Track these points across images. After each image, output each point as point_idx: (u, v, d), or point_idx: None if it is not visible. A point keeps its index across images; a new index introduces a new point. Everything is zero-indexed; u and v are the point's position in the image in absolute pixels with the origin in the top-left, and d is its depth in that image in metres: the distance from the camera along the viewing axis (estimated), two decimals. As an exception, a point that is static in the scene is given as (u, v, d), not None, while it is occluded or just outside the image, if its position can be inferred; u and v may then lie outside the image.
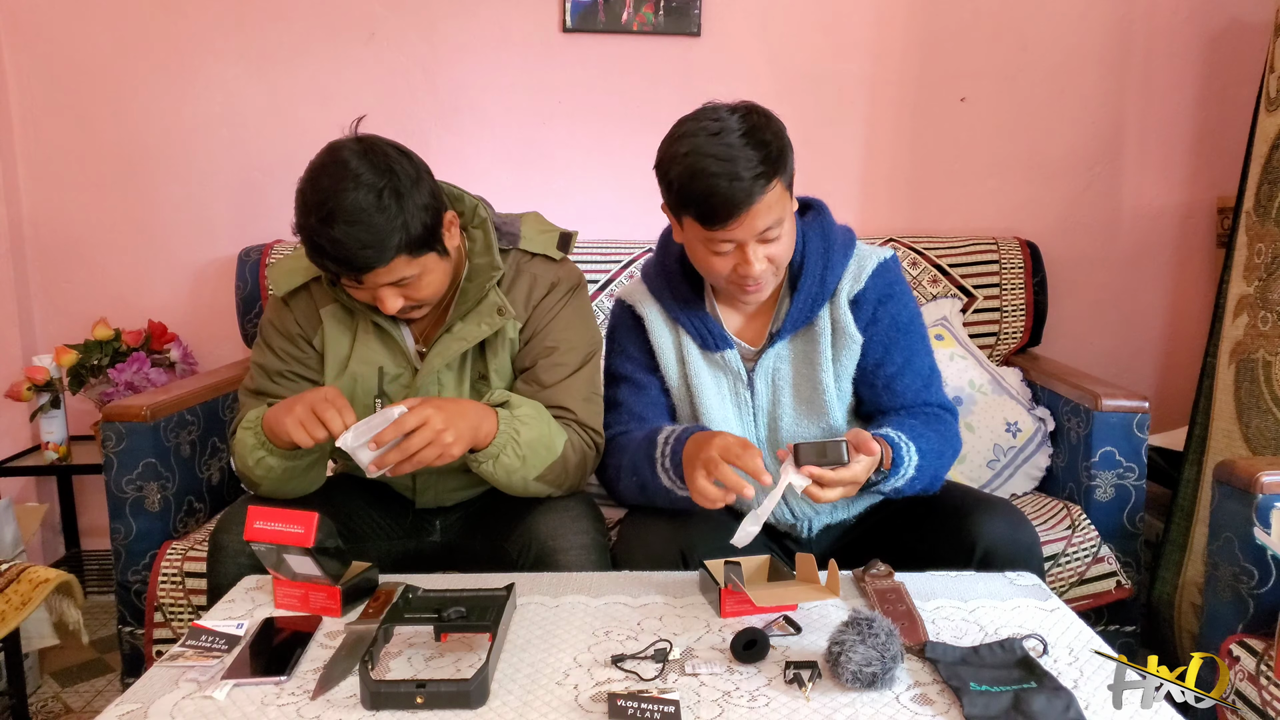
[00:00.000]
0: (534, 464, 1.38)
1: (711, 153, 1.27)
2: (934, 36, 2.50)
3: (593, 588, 1.26)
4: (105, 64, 2.43)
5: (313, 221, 1.27)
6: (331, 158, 1.31)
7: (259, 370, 1.51)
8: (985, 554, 1.33)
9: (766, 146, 1.29)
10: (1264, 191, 1.88)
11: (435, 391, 1.48)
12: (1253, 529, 1.42)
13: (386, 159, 1.31)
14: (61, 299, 2.53)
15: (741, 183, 1.26)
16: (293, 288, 1.49)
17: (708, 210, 1.30)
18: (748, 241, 1.33)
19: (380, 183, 1.28)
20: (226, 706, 0.98)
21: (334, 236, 1.26)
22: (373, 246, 1.27)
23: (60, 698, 2.05)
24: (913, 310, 1.50)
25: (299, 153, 2.44)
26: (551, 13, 2.45)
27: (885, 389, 1.47)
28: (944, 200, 2.57)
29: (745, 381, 1.48)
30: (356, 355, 1.46)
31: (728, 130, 1.28)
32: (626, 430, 1.48)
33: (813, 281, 1.43)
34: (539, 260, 1.52)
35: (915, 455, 1.35)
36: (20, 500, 2.47)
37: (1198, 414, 2.04)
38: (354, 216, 1.26)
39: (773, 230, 1.33)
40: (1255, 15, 2.45)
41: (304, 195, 1.30)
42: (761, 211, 1.30)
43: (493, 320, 1.44)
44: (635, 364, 1.53)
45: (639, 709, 0.93)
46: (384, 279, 1.32)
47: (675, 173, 1.31)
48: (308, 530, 1.13)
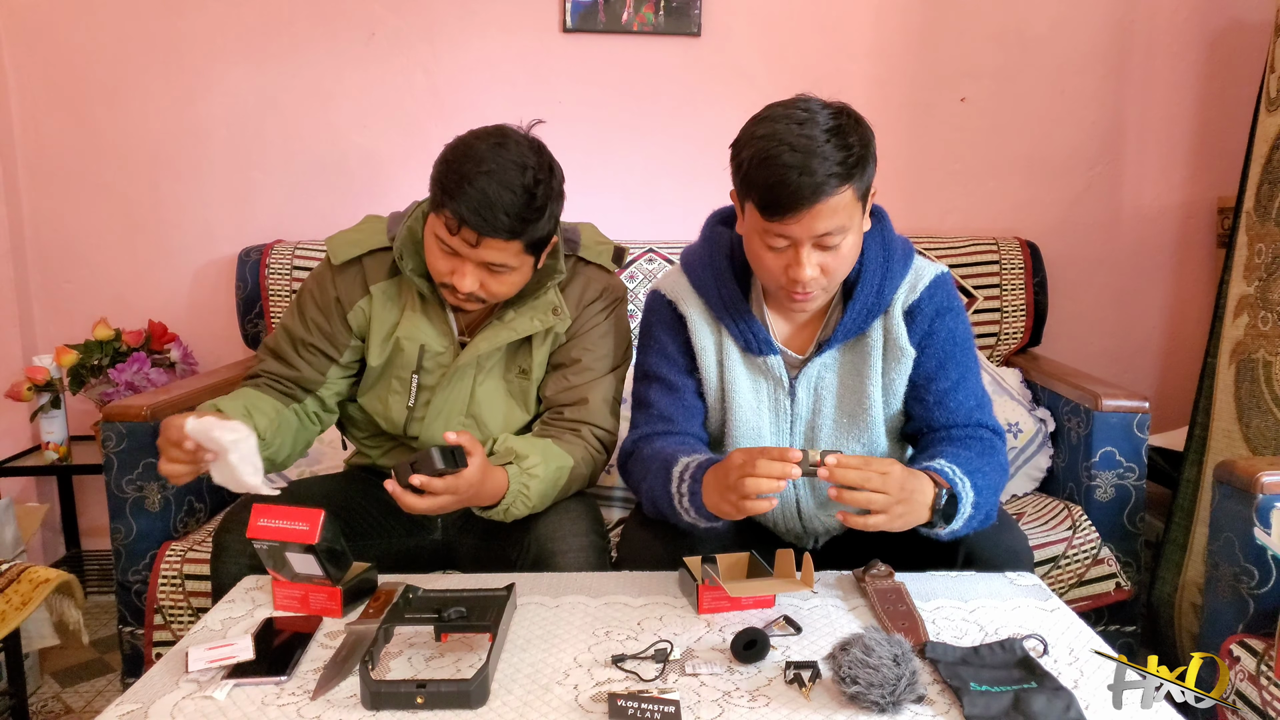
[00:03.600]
0: (544, 503, 1.42)
1: (789, 141, 1.21)
2: (934, 36, 2.50)
3: (593, 588, 1.26)
4: (105, 64, 2.43)
5: (468, 168, 1.30)
6: (504, 134, 1.36)
7: (284, 333, 1.53)
8: (968, 557, 1.32)
9: (849, 149, 1.22)
10: (1264, 191, 1.88)
11: (472, 375, 1.49)
12: (1253, 529, 1.42)
13: (551, 164, 1.38)
14: (61, 299, 2.53)
15: (812, 178, 1.20)
16: (349, 258, 1.50)
17: (771, 199, 1.22)
18: (804, 242, 1.25)
19: (541, 175, 1.34)
20: (226, 706, 0.98)
21: (483, 189, 1.29)
22: (511, 217, 1.31)
23: (60, 698, 2.05)
24: (967, 328, 1.43)
25: (299, 153, 2.49)
26: (551, 13, 2.45)
27: (938, 404, 1.39)
28: (944, 200, 2.57)
29: (787, 389, 1.40)
30: (401, 329, 1.49)
31: (814, 123, 1.23)
32: (652, 434, 1.43)
33: (869, 292, 1.36)
34: (593, 268, 1.55)
35: (971, 492, 1.24)
36: (20, 500, 2.47)
37: (1198, 414, 2.04)
38: (509, 184, 1.30)
39: (833, 237, 1.25)
40: (1255, 15, 2.45)
41: (466, 147, 1.33)
42: (825, 213, 1.22)
43: (546, 318, 1.47)
44: (671, 364, 1.45)
45: (639, 709, 0.93)
46: (491, 255, 1.34)
47: (748, 154, 1.25)
48: (312, 527, 1.13)
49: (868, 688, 0.94)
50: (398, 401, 1.51)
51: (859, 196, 1.27)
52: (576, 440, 1.47)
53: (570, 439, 1.46)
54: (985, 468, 1.30)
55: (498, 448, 1.40)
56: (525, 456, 1.37)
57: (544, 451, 1.40)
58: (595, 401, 1.49)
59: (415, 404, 1.51)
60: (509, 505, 1.35)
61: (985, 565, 1.31)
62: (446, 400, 1.51)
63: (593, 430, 1.49)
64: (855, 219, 1.28)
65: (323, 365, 1.51)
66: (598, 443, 1.49)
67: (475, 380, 1.50)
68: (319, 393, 1.52)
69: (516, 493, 1.35)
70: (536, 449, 1.39)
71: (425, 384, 1.50)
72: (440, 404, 1.51)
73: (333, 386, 1.53)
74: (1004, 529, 1.35)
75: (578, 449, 1.45)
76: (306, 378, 1.51)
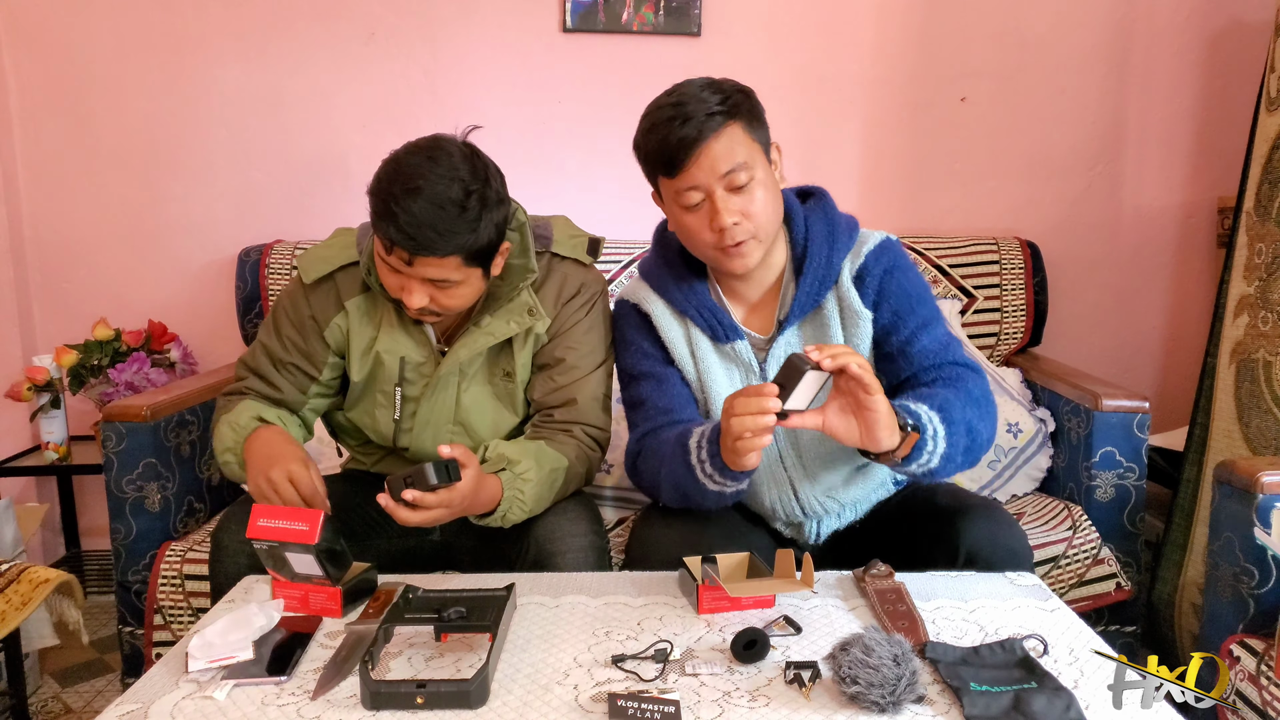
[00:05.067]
0: (541, 506, 1.41)
1: (666, 103, 1.33)
2: (934, 36, 2.50)
3: (593, 588, 1.26)
4: (105, 64, 2.43)
5: (395, 189, 1.28)
6: (436, 145, 1.33)
7: (263, 351, 1.51)
8: (968, 557, 1.32)
9: (724, 92, 1.31)
10: (1264, 191, 1.87)
11: (455, 383, 1.49)
12: (1253, 529, 1.42)
13: (486, 169, 1.35)
14: (61, 299, 2.53)
15: (693, 119, 1.28)
16: (320, 275, 1.49)
17: (665, 155, 1.31)
18: (713, 188, 1.31)
19: (474, 185, 1.31)
20: (226, 706, 0.98)
21: (410, 208, 1.27)
22: (441, 234, 1.28)
23: (60, 698, 2.05)
24: (921, 282, 1.45)
25: (299, 153, 2.49)
26: (551, 13, 2.45)
27: (901, 356, 1.41)
28: (944, 200, 2.57)
29: (758, 373, 1.44)
30: (380, 344, 1.47)
31: (687, 84, 1.34)
32: (655, 427, 1.44)
33: (818, 264, 1.40)
34: (569, 263, 1.53)
35: (937, 416, 1.25)
36: (20, 500, 2.47)
37: (1198, 414, 2.04)
38: (437, 200, 1.28)
39: (738, 175, 1.31)
40: (1255, 15, 2.45)
41: (396, 164, 1.32)
42: (719, 152, 1.30)
43: (522, 320, 1.46)
44: (650, 359, 1.48)
45: (639, 709, 0.93)
46: (429, 271, 1.32)
47: (639, 136, 1.35)
48: (312, 528, 1.13)
49: (868, 688, 0.94)
50: (384, 415, 1.51)
51: (754, 139, 1.33)
52: (569, 440, 1.46)
53: (563, 439, 1.46)
54: (952, 398, 1.30)
55: (489, 455, 1.38)
56: (517, 462, 1.36)
57: (536, 455, 1.39)
58: (584, 400, 1.49)
59: (401, 416, 1.50)
60: (505, 512, 1.35)
61: (985, 565, 1.31)
62: (433, 410, 1.50)
63: (585, 429, 1.48)
64: (758, 161, 1.34)
65: (303, 384, 1.50)
66: (591, 440, 1.49)
67: (460, 388, 1.50)
68: (301, 413, 1.52)
69: (511, 499, 1.34)
70: (529, 453, 1.38)
71: (409, 395, 1.49)
72: (427, 414, 1.50)
73: (313, 405, 1.53)
74: (1004, 528, 1.35)
75: (571, 449, 1.45)
76: (289, 398, 1.50)
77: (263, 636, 1.10)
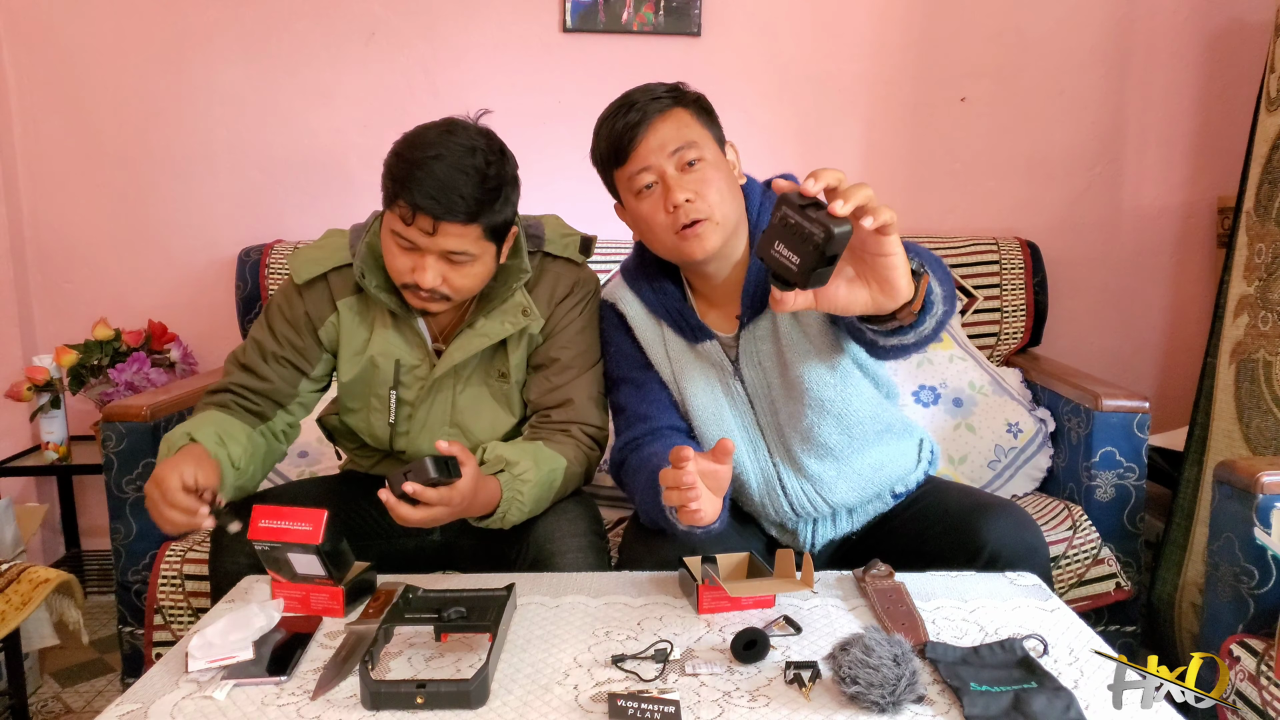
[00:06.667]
0: (541, 507, 1.41)
1: (615, 104, 1.36)
2: (934, 36, 2.50)
3: (593, 588, 1.26)
4: (105, 64, 2.43)
5: (417, 155, 1.29)
6: (453, 121, 1.35)
7: (254, 346, 1.50)
8: (992, 556, 1.32)
9: (674, 87, 1.33)
10: (1264, 191, 1.88)
11: (451, 385, 1.48)
12: (1253, 529, 1.42)
13: (502, 149, 1.38)
14: (61, 299, 2.53)
15: (638, 105, 1.31)
16: (313, 276, 1.48)
17: (614, 144, 1.33)
18: (663, 167, 1.31)
19: (493, 158, 1.33)
20: (226, 706, 0.98)
21: (434, 171, 1.27)
22: (465, 198, 1.29)
23: (60, 698, 2.05)
24: None
25: (299, 153, 2.49)
26: (551, 13, 2.45)
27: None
28: (944, 200, 2.57)
29: (733, 372, 1.43)
30: (373, 346, 1.47)
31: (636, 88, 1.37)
32: (635, 437, 1.44)
33: None
34: (561, 262, 1.53)
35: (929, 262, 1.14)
36: (20, 500, 2.47)
37: (1198, 414, 2.04)
38: (460, 166, 1.29)
39: (687, 152, 1.31)
40: (1255, 15, 2.45)
41: (417, 136, 1.33)
42: (667, 131, 1.31)
43: (516, 320, 1.45)
44: (630, 362, 1.49)
45: (639, 709, 0.93)
46: (450, 242, 1.31)
47: (592, 144, 1.39)
48: (315, 528, 1.13)
49: (868, 688, 0.94)
50: (379, 419, 1.51)
51: (704, 127, 1.35)
52: (567, 440, 1.46)
53: (561, 440, 1.45)
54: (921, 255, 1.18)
55: (487, 456, 1.38)
56: (516, 463, 1.36)
57: (535, 456, 1.39)
58: (580, 400, 1.48)
59: (397, 419, 1.50)
60: (504, 513, 1.35)
61: (1007, 564, 1.31)
62: (429, 413, 1.50)
63: (582, 428, 1.48)
64: (709, 145, 1.34)
65: (294, 378, 1.50)
66: (589, 440, 1.49)
67: (455, 390, 1.49)
68: (289, 406, 1.51)
69: (510, 500, 1.34)
70: (527, 454, 1.38)
71: (405, 399, 1.49)
72: (423, 417, 1.50)
73: (303, 399, 1.52)
74: (1026, 526, 1.36)
75: (569, 448, 1.45)
76: (278, 390, 1.48)
77: (263, 636, 1.10)
